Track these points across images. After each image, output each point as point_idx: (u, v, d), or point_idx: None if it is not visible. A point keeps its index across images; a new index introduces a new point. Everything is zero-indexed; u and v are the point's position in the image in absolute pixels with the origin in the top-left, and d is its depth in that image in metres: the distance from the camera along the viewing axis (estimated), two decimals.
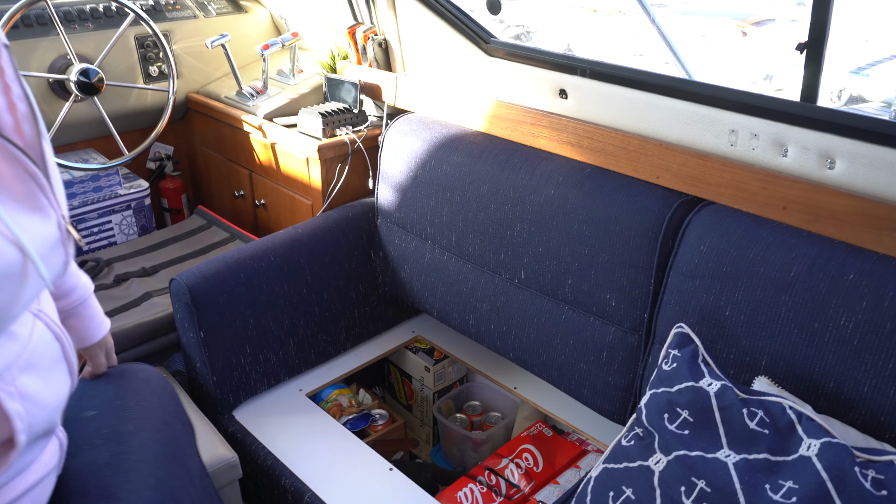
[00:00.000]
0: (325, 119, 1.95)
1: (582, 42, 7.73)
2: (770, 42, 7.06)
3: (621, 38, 7.36)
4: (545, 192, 1.50)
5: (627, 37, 7.29)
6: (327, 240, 1.84)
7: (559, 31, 8.09)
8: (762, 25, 7.12)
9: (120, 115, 2.30)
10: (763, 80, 6.28)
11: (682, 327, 1.16)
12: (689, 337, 1.14)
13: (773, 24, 7.14)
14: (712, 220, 1.28)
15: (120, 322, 1.73)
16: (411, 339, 2.04)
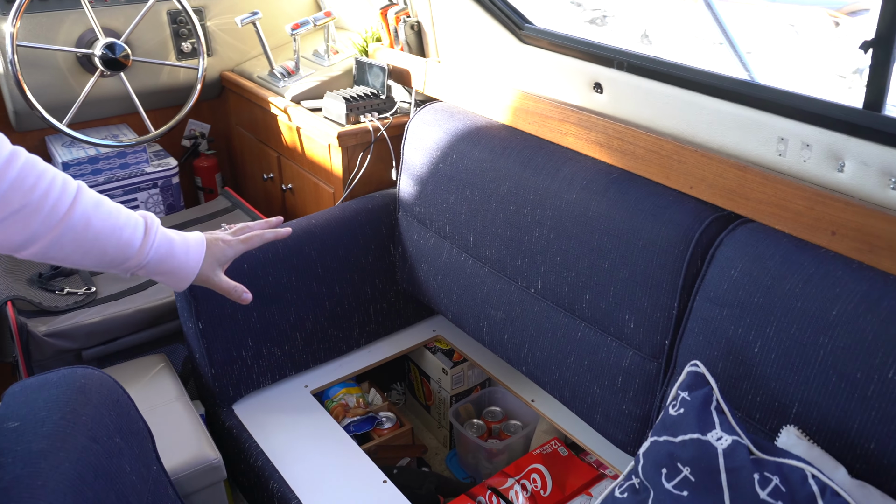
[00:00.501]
0: (349, 104, 1.85)
1: (660, 28, 7.40)
2: (864, 33, 6.59)
3: (702, 23, 7.01)
4: (566, 197, 1.36)
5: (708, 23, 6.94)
6: (342, 232, 1.74)
7: (638, 17, 7.78)
8: (857, 15, 6.64)
9: (151, 92, 2.26)
10: (853, 73, 5.86)
11: (696, 365, 1.01)
12: (703, 377, 0.99)
13: (868, 14, 6.66)
14: (748, 242, 1.12)
15: (122, 307, 1.68)
16: (431, 338, 1.93)
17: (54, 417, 0.93)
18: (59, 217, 0.94)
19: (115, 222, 1.01)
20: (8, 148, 0.92)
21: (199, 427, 1.46)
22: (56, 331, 1.59)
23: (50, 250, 0.96)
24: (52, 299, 1.68)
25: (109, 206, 1.02)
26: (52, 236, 0.95)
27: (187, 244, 1.11)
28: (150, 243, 1.04)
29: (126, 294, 1.76)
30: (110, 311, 1.66)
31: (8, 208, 0.90)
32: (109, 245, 1.00)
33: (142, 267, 1.05)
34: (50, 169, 0.96)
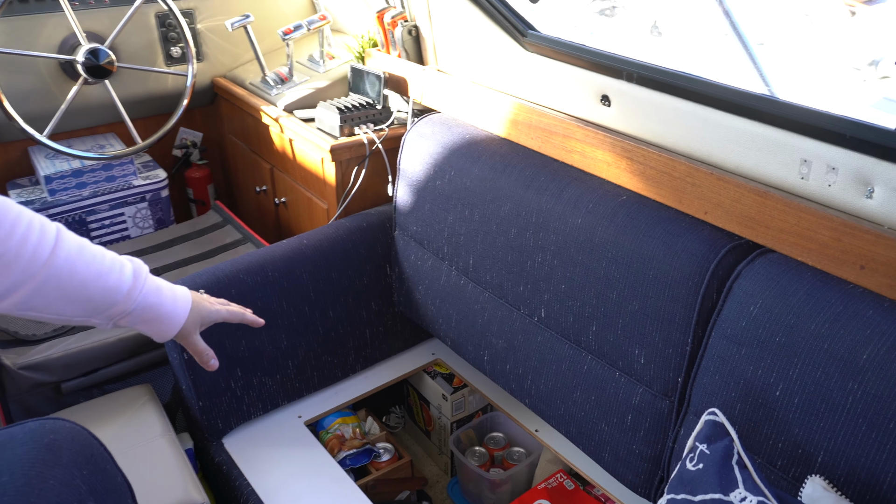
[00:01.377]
0: (342, 115, 1.76)
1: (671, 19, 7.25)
2: (882, 23, 6.43)
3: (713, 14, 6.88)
4: (571, 221, 1.27)
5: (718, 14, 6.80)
6: (336, 252, 1.65)
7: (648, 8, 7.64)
8: (874, 4, 6.47)
9: (139, 99, 2.17)
10: (868, 65, 5.72)
11: (714, 414, 0.92)
12: (723, 427, 0.90)
13: (887, 2, 6.50)
14: (768, 274, 1.02)
15: (103, 335, 1.60)
16: (430, 362, 1.85)
17: (17, 484, 0.84)
18: (41, 263, 0.87)
19: (100, 266, 0.93)
20: None
21: (184, 467, 1.38)
22: (32, 363, 1.51)
23: (32, 300, 0.88)
24: (29, 327, 1.60)
25: (93, 248, 0.94)
26: (34, 284, 0.87)
27: (174, 294, 1.03)
28: (140, 288, 0.97)
29: None
30: (91, 341, 1.58)
31: None
32: (96, 291, 0.92)
33: (127, 314, 0.97)
34: (25, 211, 0.88)
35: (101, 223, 2.08)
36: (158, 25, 2.15)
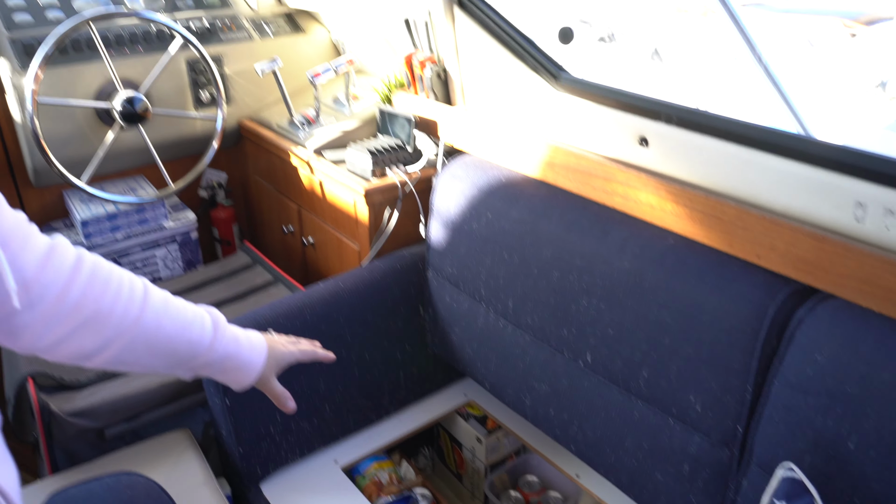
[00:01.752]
0: (374, 158, 1.76)
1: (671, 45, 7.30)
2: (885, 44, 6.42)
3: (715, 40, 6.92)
4: (618, 264, 1.25)
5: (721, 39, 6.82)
6: (371, 295, 1.64)
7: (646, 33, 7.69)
8: (875, 24, 6.50)
9: (170, 143, 2.18)
10: (876, 87, 5.70)
11: (791, 470, 0.90)
12: (802, 485, 0.88)
13: (888, 23, 6.52)
14: (833, 321, 1.01)
15: (145, 380, 1.58)
16: (463, 403, 1.82)
17: None
18: (131, 320, 0.91)
19: (183, 319, 0.97)
20: (73, 253, 0.88)
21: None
22: (79, 409, 1.50)
23: (122, 355, 0.91)
24: (73, 372, 1.59)
25: (175, 302, 0.98)
26: (125, 341, 0.91)
27: (251, 342, 1.06)
28: (220, 340, 1.00)
29: None
30: (133, 386, 1.56)
31: (80, 317, 0.87)
32: (180, 344, 0.96)
33: (209, 364, 1.00)
34: (115, 269, 0.92)
35: (133, 265, 2.08)
36: (189, 71, 2.17)
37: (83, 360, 0.91)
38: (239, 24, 2.32)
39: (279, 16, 2.41)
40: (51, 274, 0.85)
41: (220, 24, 2.28)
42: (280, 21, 2.40)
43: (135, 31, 2.12)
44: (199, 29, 2.22)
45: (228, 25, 2.30)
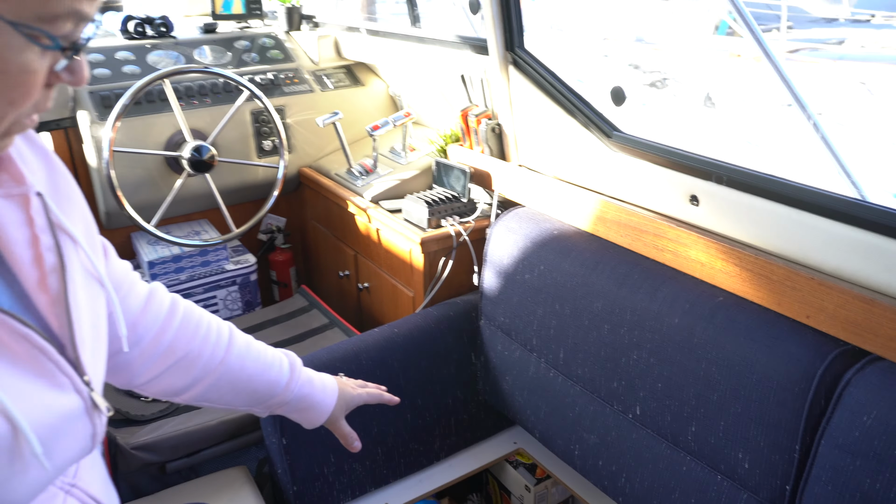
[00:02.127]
0: (430, 208, 1.83)
1: (723, 90, 7.31)
2: None
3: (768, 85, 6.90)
4: (668, 320, 1.29)
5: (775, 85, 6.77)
6: (424, 341, 1.70)
7: (699, 79, 7.71)
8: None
9: (233, 189, 2.29)
10: None
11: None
12: None
13: None
14: (881, 384, 1.02)
15: (203, 418, 1.66)
16: (512, 451, 1.85)
17: None
18: (218, 360, 0.99)
19: (264, 361, 1.04)
20: (168, 299, 0.97)
21: None
22: (143, 443, 1.58)
23: (208, 392, 0.99)
24: (138, 407, 1.68)
25: (257, 345, 1.06)
26: (211, 380, 0.99)
27: (324, 383, 1.13)
28: (296, 381, 1.07)
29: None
30: (194, 422, 1.64)
31: (173, 357, 0.95)
32: (260, 384, 1.03)
33: (285, 404, 1.08)
34: (204, 314, 1.01)
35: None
36: (253, 121, 2.29)
37: (173, 396, 0.99)
38: (301, 78, 2.44)
39: (339, 69, 2.53)
40: (150, 318, 0.94)
41: (284, 78, 2.41)
42: (340, 74, 2.52)
43: (203, 84, 2.25)
44: (263, 82, 2.35)
45: (291, 78, 2.42)
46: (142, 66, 2.25)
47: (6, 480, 0.62)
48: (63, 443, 0.68)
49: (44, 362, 0.67)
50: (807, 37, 8.76)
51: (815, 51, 8.07)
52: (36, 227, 0.71)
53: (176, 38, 2.38)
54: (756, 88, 7.00)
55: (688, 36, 8.48)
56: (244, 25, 2.61)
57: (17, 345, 0.64)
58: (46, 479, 0.67)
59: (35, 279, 0.70)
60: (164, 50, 2.33)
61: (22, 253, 0.69)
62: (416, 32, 2.15)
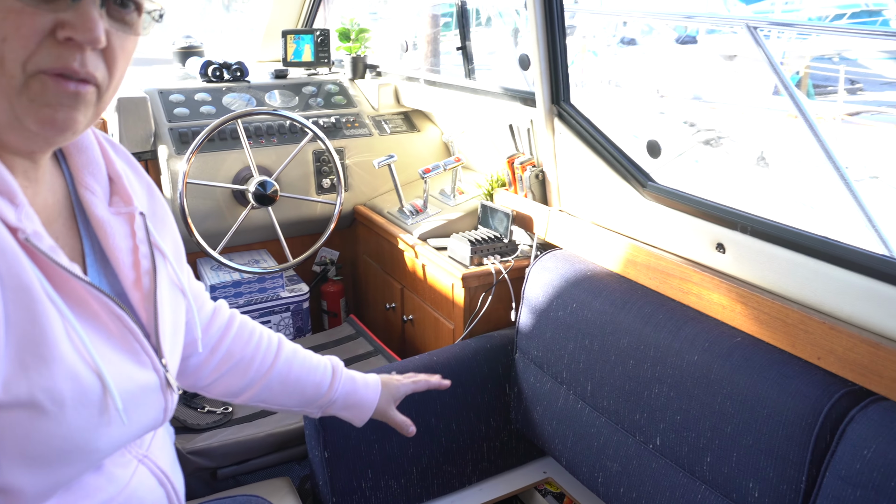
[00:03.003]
0: (473, 247, 1.96)
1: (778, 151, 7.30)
2: None
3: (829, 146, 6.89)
4: (688, 357, 1.38)
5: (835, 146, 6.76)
6: (462, 370, 1.81)
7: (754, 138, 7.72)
8: None
9: (292, 222, 2.47)
10: None
11: None
12: None
13: None
14: (882, 421, 1.10)
15: (253, 430, 1.80)
16: (541, 480, 1.93)
17: None
18: (268, 364, 1.15)
19: (309, 365, 1.20)
20: (227, 313, 1.15)
21: None
22: (198, 449, 1.72)
23: (262, 393, 1.15)
24: (195, 417, 1.82)
25: (303, 352, 1.21)
26: (264, 382, 1.14)
27: (367, 382, 1.27)
28: (339, 382, 1.21)
29: (258, 417, 1.88)
30: (244, 433, 1.78)
31: (230, 361, 1.12)
32: (308, 386, 1.18)
33: (332, 403, 1.22)
34: (257, 326, 1.18)
35: None
36: (314, 161, 2.47)
37: (232, 397, 1.15)
38: (361, 122, 2.63)
39: (397, 115, 2.71)
40: (214, 328, 1.12)
41: (345, 121, 2.60)
42: (398, 119, 2.70)
43: (271, 125, 2.45)
44: (326, 125, 2.54)
45: (352, 122, 2.61)
46: (217, 107, 2.46)
47: (94, 429, 0.75)
48: (140, 409, 0.82)
49: (131, 342, 0.81)
50: (877, 99, 8.72)
51: (879, 115, 8.05)
52: (137, 239, 0.87)
53: (249, 82, 2.60)
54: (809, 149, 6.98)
55: (745, 96, 8.53)
56: (312, 72, 2.82)
57: (113, 323, 0.79)
58: (125, 436, 0.81)
59: (132, 279, 0.86)
60: (238, 93, 2.55)
61: (124, 258, 0.86)
62: (470, 84, 2.31)
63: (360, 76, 2.79)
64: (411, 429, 1.32)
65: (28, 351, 0.68)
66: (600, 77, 9.86)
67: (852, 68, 9.04)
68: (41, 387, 0.69)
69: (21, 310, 0.68)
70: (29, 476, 0.71)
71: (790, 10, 11.13)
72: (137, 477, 0.87)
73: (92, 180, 0.85)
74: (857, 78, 8.99)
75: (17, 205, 0.70)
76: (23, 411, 0.68)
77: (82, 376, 0.72)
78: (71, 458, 0.74)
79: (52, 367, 0.70)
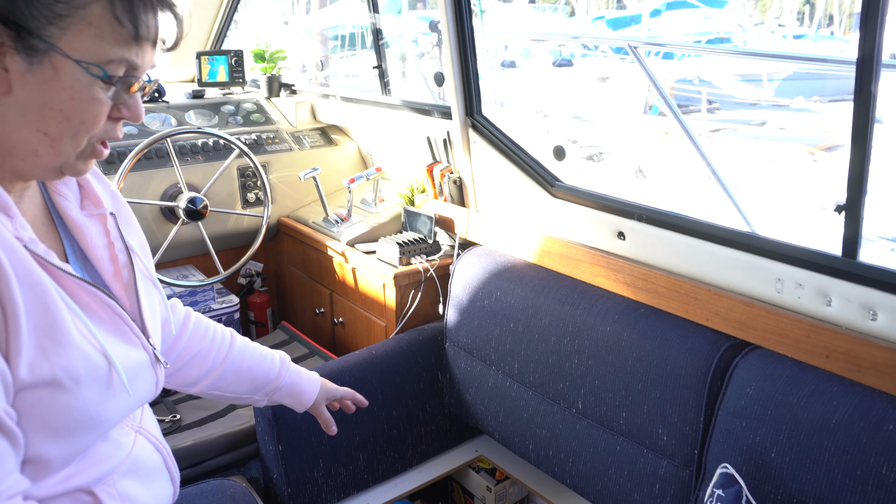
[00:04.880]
0: (401, 248, 2.13)
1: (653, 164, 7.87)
2: (839, 168, 7.09)
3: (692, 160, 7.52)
4: (601, 329, 1.61)
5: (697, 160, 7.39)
6: (398, 361, 1.98)
7: (631, 153, 8.28)
8: (832, 151, 7.20)
9: (219, 236, 2.56)
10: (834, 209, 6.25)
11: (726, 467, 1.22)
12: (733, 477, 1.20)
13: (841, 149, 7.20)
14: (758, 365, 1.36)
15: (206, 432, 1.89)
16: (474, 458, 2.12)
17: None
18: (223, 356, 1.27)
19: (260, 356, 1.33)
20: (183, 309, 1.27)
21: None
22: None
23: (217, 381, 1.27)
24: None
25: (253, 344, 1.34)
26: (220, 371, 1.27)
27: (309, 375, 1.41)
28: (286, 370, 1.35)
29: (208, 420, 1.97)
30: (198, 436, 1.87)
31: (189, 353, 1.24)
32: (259, 373, 1.31)
33: (278, 389, 1.34)
34: (211, 322, 1.31)
35: None
36: (239, 176, 2.58)
37: (189, 387, 1.27)
38: (281, 138, 2.75)
39: (314, 130, 2.85)
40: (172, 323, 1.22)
41: (266, 138, 2.71)
42: (315, 135, 2.84)
43: (196, 143, 2.54)
44: (247, 142, 2.65)
45: (272, 138, 2.73)
46: (138, 128, 2.52)
47: (104, 401, 0.88)
48: (138, 382, 0.95)
49: (121, 325, 0.94)
50: (732, 118, 9.55)
51: (735, 131, 8.85)
52: (111, 236, 1.00)
53: (168, 102, 2.67)
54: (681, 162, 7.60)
55: (621, 115, 9.14)
56: (227, 92, 2.92)
57: (103, 311, 0.92)
58: (127, 406, 0.94)
59: (111, 272, 0.99)
60: (157, 113, 2.62)
61: (101, 254, 0.98)
62: (386, 100, 2.49)
63: (276, 94, 2.91)
64: (333, 428, 1.44)
65: (46, 336, 0.81)
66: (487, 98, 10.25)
67: (710, 89, 9.89)
68: (60, 367, 0.81)
69: (36, 302, 0.80)
70: (53, 446, 0.83)
71: (653, 36, 12.09)
72: (138, 444, 1.00)
73: (64, 188, 0.97)
74: (713, 98, 9.86)
75: (12, 217, 0.83)
76: (45, 389, 0.81)
77: (92, 356, 0.85)
78: (86, 428, 0.86)
79: (68, 349, 0.82)
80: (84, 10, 0.78)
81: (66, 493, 0.89)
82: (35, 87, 0.79)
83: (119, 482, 0.95)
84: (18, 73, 0.78)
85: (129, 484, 0.97)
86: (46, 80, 0.79)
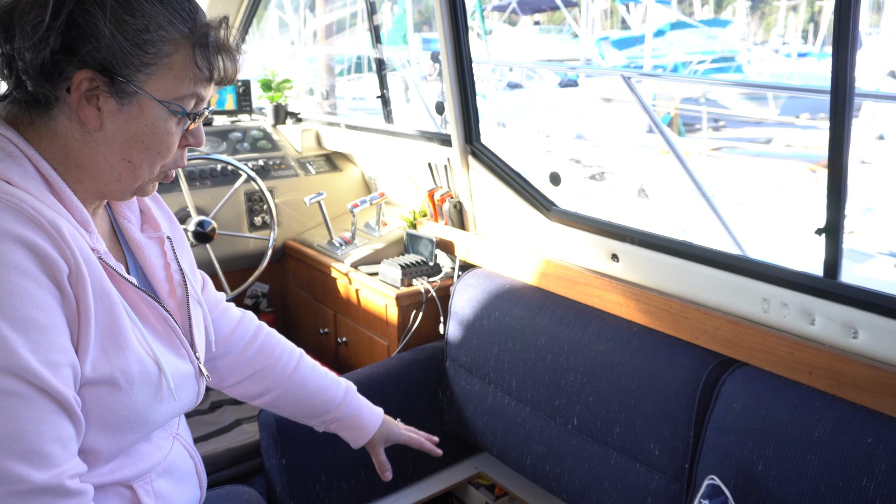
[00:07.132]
0: (403, 270, 2.20)
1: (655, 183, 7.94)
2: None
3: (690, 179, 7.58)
4: (595, 347, 1.67)
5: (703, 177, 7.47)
6: (400, 379, 2.03)
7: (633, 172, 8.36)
8: None
9: (227, 258, 2.62)
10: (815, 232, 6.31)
11: (713, 479, 1.28)
12: (719, 489, 1.26)
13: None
14: (745, 381, 1.42)
15: (212, 446, 1.95)
16: (474, 475, 2.17)
17: None
18: (286, 376, 1.32)
19: (324, 383, 1.37)
20: (255, 324, 1.33)
21: None
22: None
23: (276, 400, 1.33)
24: None
25: (321, 369, 1.39)
26: (279, 391, 1.32)
27: (371, 411, 1.44)
28: (348, 402, 1.39)
29: (214, 435, 2.03)
30: (203, 451, 1.91)
31: (252, 368, 1.30)
32: (318, 400, 1.36)
33: (336, 420, 1.39)
34: (282, 340, 1.36)
35: None
36: (246, 200, 2.66)
37: (250, 400, 1.33)
38: (287, 164, 2.83)
39: (319, 156, 2.94)
40: (237, 336, 1.30)
41: (272, 164, 2.79)
42: (320, 161, 2.92)
43: (204, 168, 2.62)
44: (255, 167, 2.73)
45: (278, 164, 2.81)
46: None
47: (152, 404, 0.96)
48: (183, 391, 1.03)
49: (173, 338, 1.02)
50: (738, 136, 9.65)
51: (735, 149, 8.96)
52: (167, 257, 1.08)
53: None
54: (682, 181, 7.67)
55: (624, 134, 9.26)
56: (235, 119, 3.01)
57: (159, 323, 1.00)
58: (171, 412, 1.01)
59: (166, 290, 1.06)
60: None
61: (158, 273, 1.07)
62: (389, 128, 2.57)
63: (282, 122, 3.00)
64: (388, 474, 1.46)
65: (109, 340, 0.89)
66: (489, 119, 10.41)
67: (715, 109, 10.02)
68: (119, 368, 0.89)
69: (104, 308, 0.88)
70: (104, 439, 0.91)
71: (659, 55, 12.23)
72: (175, 449, 1.07)
73: (128, 211, 1.06)
74: (719, 117, 9.98)
75: (90, 232, 0.92)
76: (104, 387, 0.88)
77: (145, 361, 0.93)
78: (134, 427, 0.94)
79: (126, 353, 0.90)
80: (168, 59, 0.89)
81: (109, 484, 0.96)
82: (123, 123, 0.90)
83: (155, 481, 1.03)
84: (109, 112, 0.89)
85: (163, 484, 1.04)
86: (133, 117, 0.90)
